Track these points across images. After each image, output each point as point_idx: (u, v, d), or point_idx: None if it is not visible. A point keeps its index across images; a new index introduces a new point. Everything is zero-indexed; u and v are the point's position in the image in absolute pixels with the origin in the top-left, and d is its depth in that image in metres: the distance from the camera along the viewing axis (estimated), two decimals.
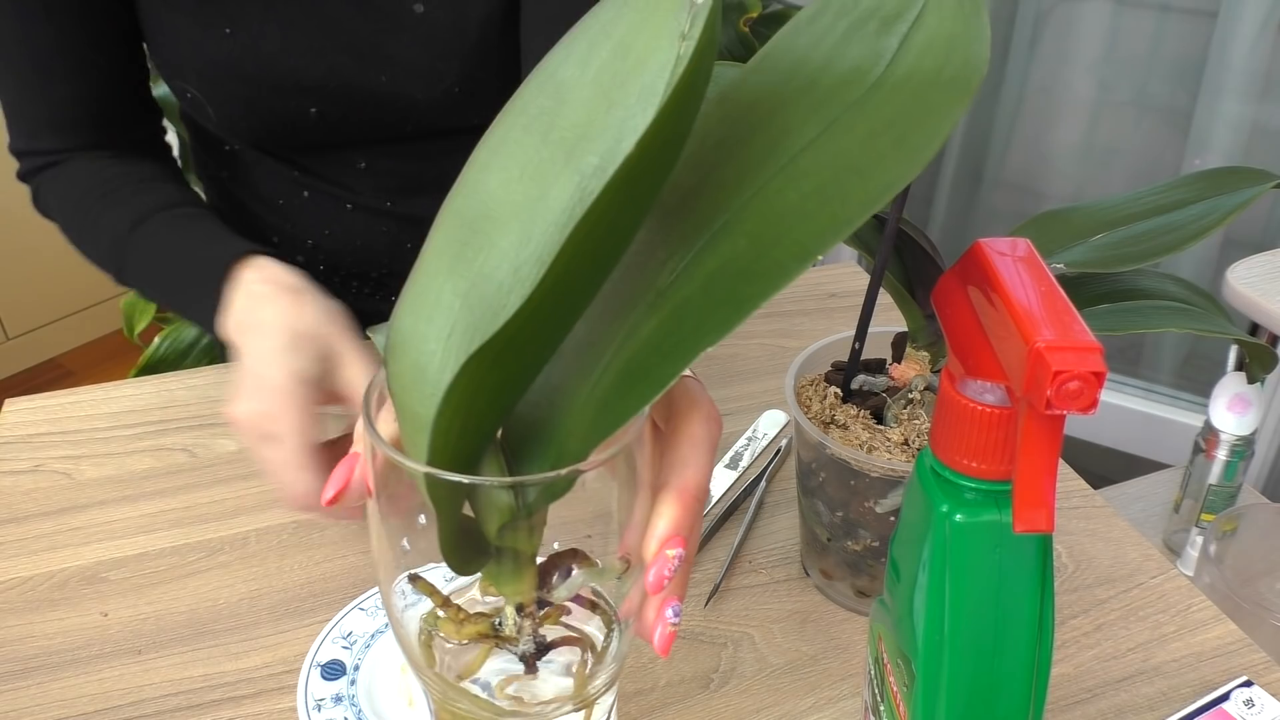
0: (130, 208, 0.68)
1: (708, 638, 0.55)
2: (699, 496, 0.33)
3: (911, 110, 0.28)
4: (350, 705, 0.50)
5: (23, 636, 0.55)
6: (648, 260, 0.30)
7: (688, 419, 0.34)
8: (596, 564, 0.33)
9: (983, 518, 0.33)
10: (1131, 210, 0.56)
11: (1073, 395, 0.27)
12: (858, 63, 0.30)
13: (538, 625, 0.32)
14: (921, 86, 0.29)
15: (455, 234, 0.29)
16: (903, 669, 0.37)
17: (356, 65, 0.71)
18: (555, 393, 0.31)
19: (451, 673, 0.33)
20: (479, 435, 0.29)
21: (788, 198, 0.29)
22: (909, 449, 0.50)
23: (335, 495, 0.34)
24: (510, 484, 0.30)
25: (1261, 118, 1.61)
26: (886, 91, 0.29)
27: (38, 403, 0.74)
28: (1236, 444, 1.13)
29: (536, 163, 0.28)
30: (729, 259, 0.29)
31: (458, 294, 0.28)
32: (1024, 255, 0.32)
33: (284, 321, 0.53)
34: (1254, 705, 0.48)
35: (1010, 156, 1.90)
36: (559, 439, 0.30)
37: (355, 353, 0.53)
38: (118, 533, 0.62)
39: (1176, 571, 0.59)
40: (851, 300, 0.85)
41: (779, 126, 0.30)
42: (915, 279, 0.53)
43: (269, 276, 0.57)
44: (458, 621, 0.32)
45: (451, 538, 0.30)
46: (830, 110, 0.30)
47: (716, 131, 0.31)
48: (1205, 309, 0.54)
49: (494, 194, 0.29)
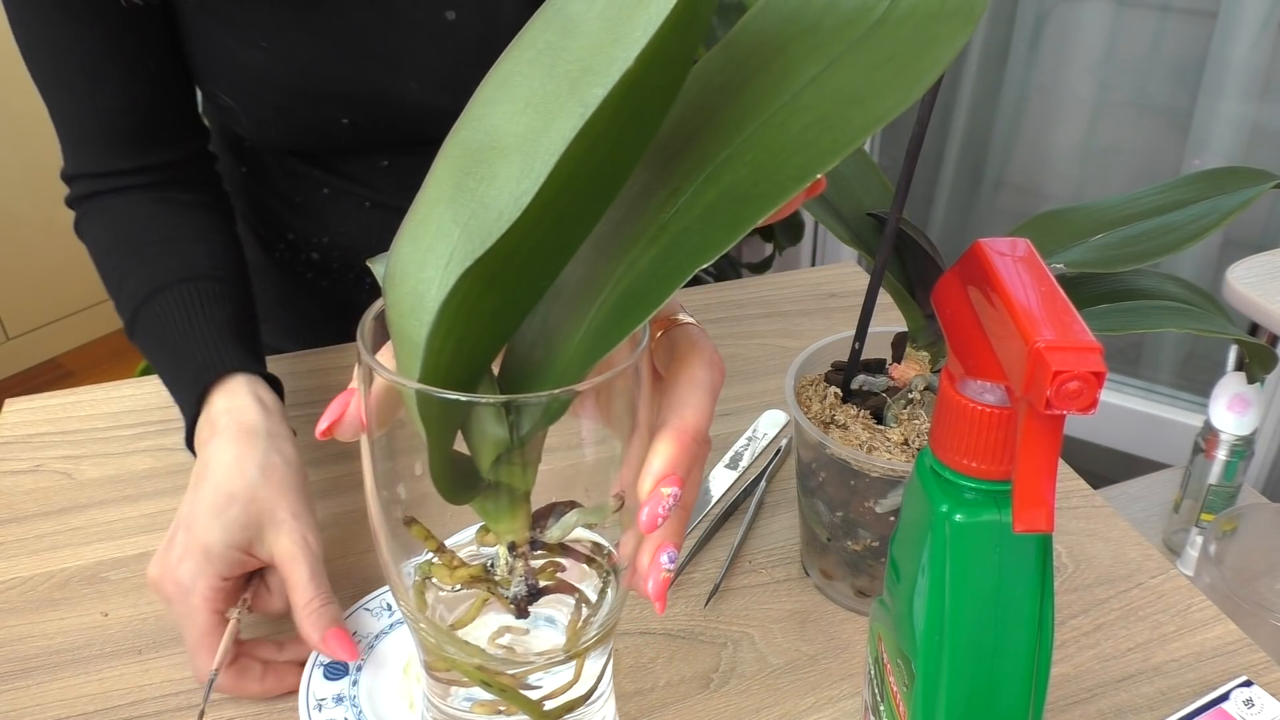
0: (152, 273, 0.66)
1: (708, 638, 0.55)
2: (697, 438, 0.32)
3: (915, 42, 0.29)
4: (351, 705, 0.50)
5: (23, 636, 0.55)
6: (649, 200, 0.31)
7: (689, 362, 0.34)
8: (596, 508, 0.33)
9: (983, 518, 0.33)
10: (1131, 210, 0.56)
11: (1073, 395, 0.27)
12: (861, 2, 0.30)
13: (530, 566, 0.32)
14: (925, 19, 0.29)
15: (458, 164, 0.29)
16: (903, 669, 0.37)
17: (388, 74, 0.71)
18: (554, 333, 0.31)
19: (445, 623, 0.34)
20: (472, 361, 0.30)
21: (790, 129, 0.29)
22: (909, 449, 0.50)
23: (330, 426, 0.33)
24: (503, 401, 0.30)
25: (1261, 118, 1.61)
26: (890, 27, 0.30)
27: (38, 403, 0.74)
28: (1236, 444, 1.13)
29: (541, 95, 0.28)
30: (729, 187, 0.29)
31: (458, 223, 0.28)
32: (1024, 255, 0.32)
33: (222, 478, 0.52)
34: (1254, 705, 0.48)
35: (1010, 156, 1.90)
36: (556, 371, 0.30)
37: (286, 521, 0.52)
38: (118, 533, 0.62)
39: (1176, 571, 0.59)
40: (851, 300, 0.85)
41: (781, 67, 0.31)
42: (915, 279, 0.53)
43: (233, 409, 0.56)
44: (451, 566, 0.32)
45: (442, 464, 0.30)
46: (834, 48, 0.30)
47: (720, 75, 0.32)
48: (1205, 309, 0.54)
49: (498, 125, 0.29)
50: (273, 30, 0.68)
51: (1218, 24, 1.58)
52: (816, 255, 2.03)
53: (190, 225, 0.69)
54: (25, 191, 2.27)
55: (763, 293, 0.86)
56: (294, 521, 0.52)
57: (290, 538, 0.51)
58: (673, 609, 0.56)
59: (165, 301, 0.64)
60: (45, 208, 2.31)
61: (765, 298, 0.85)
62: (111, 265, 0.68)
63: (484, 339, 0.29)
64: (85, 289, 2.43)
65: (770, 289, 0.87)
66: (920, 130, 0.46)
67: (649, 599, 0.32)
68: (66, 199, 0.71)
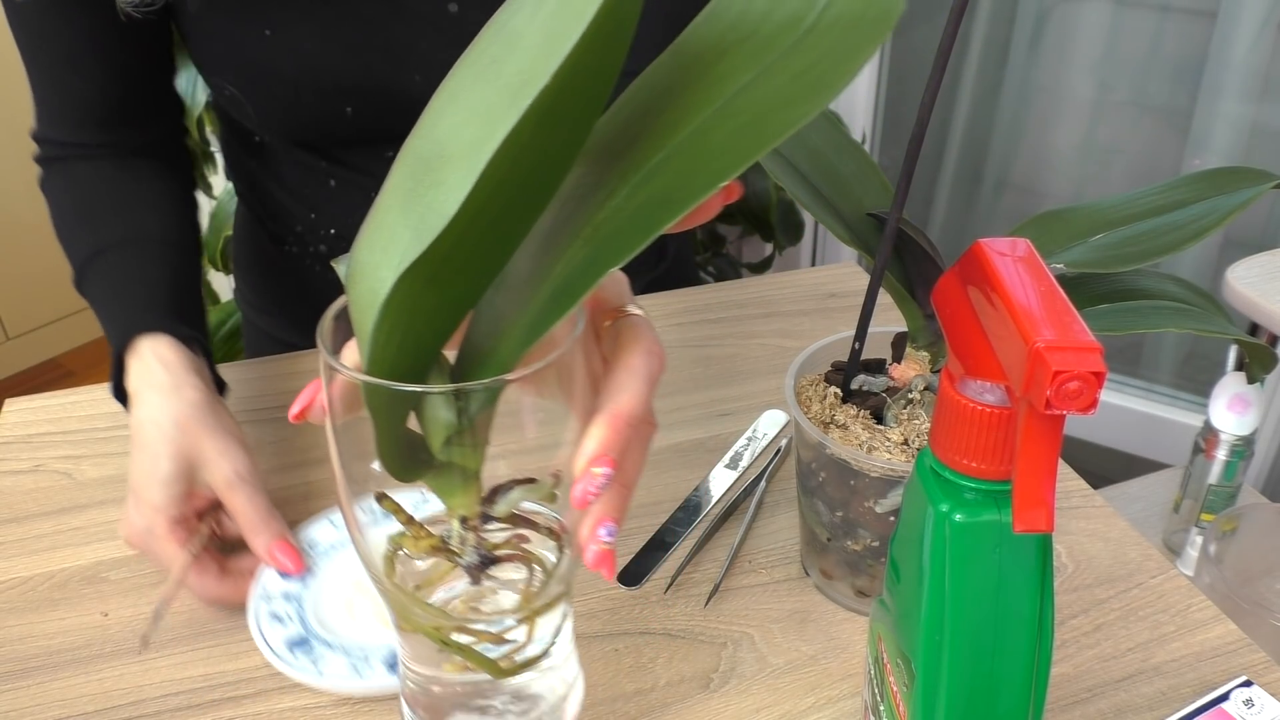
0: (99, 235, 0.69)
1: (708, 638, 0.55)
2: (631, 421, 0.35)
3: (836, 50, 0.30)
4: (298, 605, 0.55)
5: (23, 636, 0.55)
6: (590, 200, 0.33)
7: (629, 351, 0.36)
8: (536, 485, 0.36)
9: (982, 518, 0.33)
10: (1131, 210, 0.56)
11: (1072, 395, 0.27)
12: (796, 9, 0.32)
13: (481, 538, 0.36)
14: (847, 28, 0.31)
15: (411, 172, 0.31)
16: (903, 669, 0.37)
17: (391, 66, 0.71)
18: (500, 322, 0.34)
19: (412, 585, 0.37)
20: (418, 352, 0.32)
21: (715, 136, 0.31)
22: (909, 449, 0.50)
23: (301, 411, 0.37)
24: (440, 391, 0.33)
25: (1261, 118, 1.61)
26: (818, 34, 0.31)
27: (38, 403, 0.74)
28: (1236, 444, 1.13)
29: (485, 106, 0.29)
30: (655, 192, 0.31)
31: (408, 227, 0.30)
32: (1024, 255, 0.32)
33: (147, 439, 0.57)
34: (1254, 705, 0.48)
35: (1010, 156, 1.90)
36: (499, 358, 0.33)
37: (213, 460, 0.56)
38: (117, 533, 0.62)
39: (1176, 571, 0.59)
40: (851, 300, 0.85)
41: (719, 73, 0.32)
42: (915, 279, 0.53)
43: (141, 371, 0.60)
44: (417, 537, 0.36)
45: (390, 446, 0.33)
46: (766, 56, 0.32)
47: (665, 80, 0.34)
48: (1205, 309, 0.54)
49: (446, 135, 0.31)
50: (278, 22, 0.69)
51: (1218, 24, 1.58)
52: (816, 255, 2.03)
53: (144, 190, 0.73)
54: (25, 191, 2.27)
55: (763, 293, 0.86)
56: (220, 459, 0.56)
57: (220, 473, 0.56)
58: (672, 609, 0.56)
59: (106, 263, 0.68)
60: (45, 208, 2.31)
61: (765, 298, 0.85)
62: (66, 225, 0.72)
63: (427, 333, 0.32)
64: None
65: (770, 289, 0.87)
66: (920, 130, 0.46)
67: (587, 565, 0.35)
68: (34, 156, 0.75)
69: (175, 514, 0.55)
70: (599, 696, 0.52)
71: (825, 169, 0.56)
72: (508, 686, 0.40)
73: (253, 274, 0.92)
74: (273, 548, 0.56)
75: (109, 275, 0.67)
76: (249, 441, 0.59)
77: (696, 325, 0.82)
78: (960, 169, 1.94)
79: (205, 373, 0.62)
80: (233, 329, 1.50)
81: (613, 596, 0.57)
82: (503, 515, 0.36)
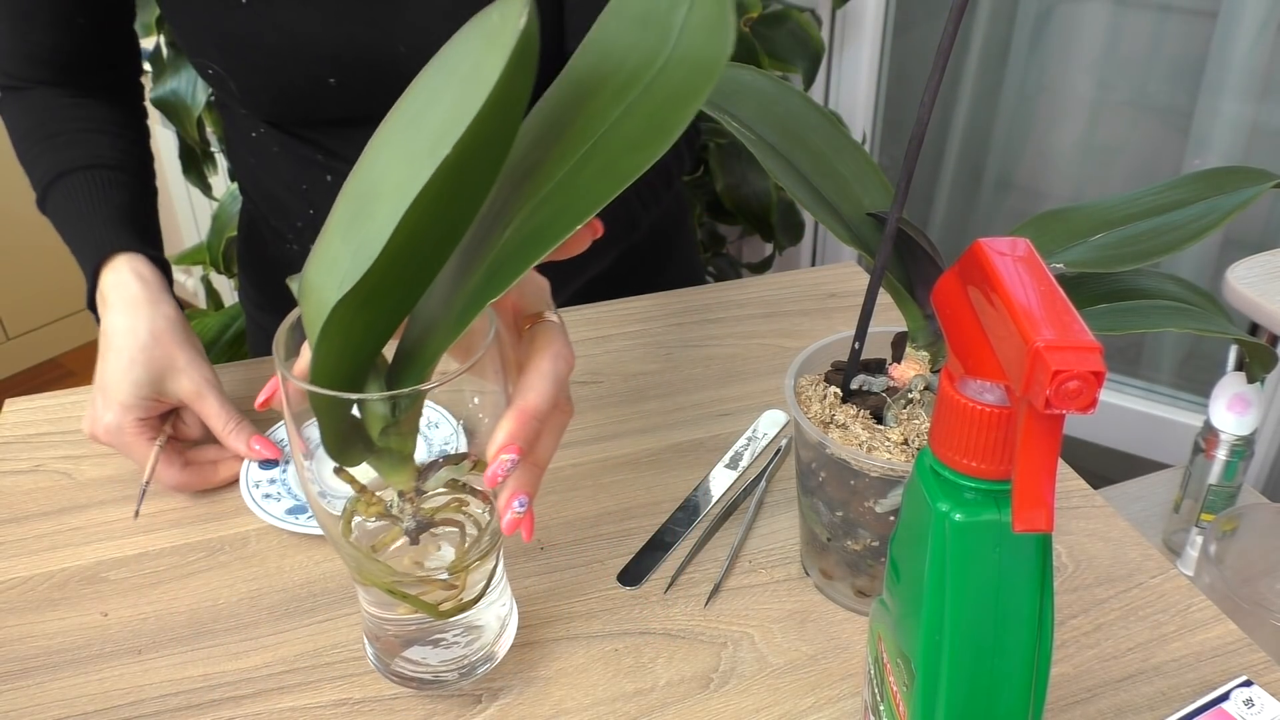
0: (60, 158, 0.73)
1: (708, 638, 0.55)
2: (536, 415, 0.42)
3: (679, 92, 0.36)
4: (283, 484, 0.64)
5: (23, 636, 0.55)
6: (497, 220, 0.39)
7: (541, 355, 0.43)
8: (457, 464, 0.44)
9: (982, 517, 0.33)
10: (1131, 210, 0.56)
11: (1072, 395, 0.27)
12: (653, 46, 0.37)
13: (418, 506, 0.44)
14: (691, 68, 0.36)
15: (351, 206, 0.38)
16: (903, 669, 0.37)
17: (374, 34, 0.71)
18: (426, 329, 0.40)
19: (368, 544, 0.45)
20: (356, 361, 0.39)
21: (583, 176, 0.37)
22: (909, 449, 0.50)
23: (265, 400, 0.46)
24: (357, 399, 0.40)
25: (1261, 118, 1.61)
26: (668, 73, 0.37)
27: (38, 403, 0.74)
28: (1236, 444, 1.13)
29: (410, 153, 0.35)
30: (535, 228, 0.37)
31: (348, 253, 0.36)
32: (1024, 255, 0.32)
33: (121, 344, 0.63)
34: (1254, 705, 0.48)
35: (1010, 156, 1.90)
36: (423, 360, 0.40)
37: (184, 369, 0.64)
38: (117, 533, 0.62)
39: (1176, 571, 0.59)
40: (851, 300, 0.85)
41: (594, 108, 0.38)
42: (915, 279, 0.53)
43: (119, 284, 0.66)
44: (368, 503, 0.44)
45: (332, 437, 0.41)
46: (630, 92, 0.37)
47: (555, 112, 0.40)
48: (1205, 309, 0.54)
49: (379, 176, 0.37)
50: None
51: (1218, 24, 1.58)
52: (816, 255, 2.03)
53: (99, 119, 0.76)
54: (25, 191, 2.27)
55: (763, 293, 0.86)
56: (190, 369, 0.64)
57: (191, 381, 0.64)
58: (672, 609, 0.57)
59: (70, 185, 0.72)
60: None
61: (765, 298, 0.85)
62: (26, 149, 0.75)
63: (363, 344, 0.39)
64: (85, 289, 2.42)
65: (770, 289, 0.87)
66: (920, 130, 0.46)
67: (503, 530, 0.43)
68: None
69: (143, 414, 0.63)
70: (599, 696, 0.52)
71: (825, 169, 0.56)
72: (452, 622, 0.48)
73: (256, 272, 0.92)
74: (252, 441, 0.64)
75: (74, 196, 0.71)
76: None
77: (696, 325, 0.82)
78: (960, 169, 1.94)
79: (172, 293, 0.68)
80: (237, 333, 1.50)
81: (613, 596, 0.57)
82: (431, 489, 0.44)
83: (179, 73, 1.37)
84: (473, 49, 0.35)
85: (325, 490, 0.44)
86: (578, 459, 0.67)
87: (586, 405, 0.72)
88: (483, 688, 0.52)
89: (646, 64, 0.37)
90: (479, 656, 0.50)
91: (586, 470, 0.67)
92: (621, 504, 0.64)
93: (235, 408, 0.65)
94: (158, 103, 1.38)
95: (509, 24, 0.33)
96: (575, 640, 0.55)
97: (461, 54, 0.36)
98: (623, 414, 0.72)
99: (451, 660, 0.50)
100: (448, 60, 0.36)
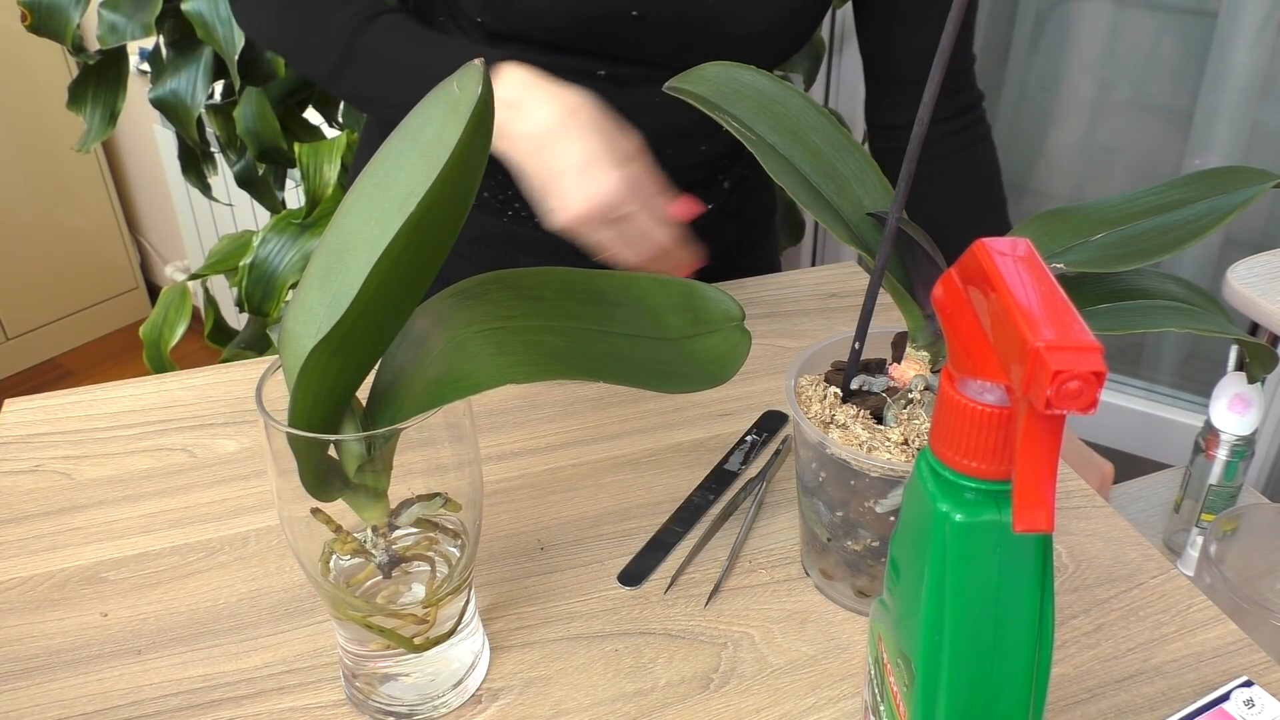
0: (362, 5, 0.72)
1: (708, 638, 0.55)
2: None
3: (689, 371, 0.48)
4: None
5: (23, 636, 0.55)
6: (479, 316, 0.44)
7: None
8: (429, 501, 0.46)
9: (983, 518, 0.33)
10: (1131, 210, 0.56)
11: (1073, 395, 0.27)
12: (678, 324, 0.49)
13: (390, 541, 0.46)
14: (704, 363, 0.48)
15: (326, 259, 0.41)
16: (903, 669, 0.37)
17: None
18: (401, 372, 0.44)
19: (345, 581, 0.47)
20: (331, 404, 0.42)
21: (550, 342, 0.45)
22: (909, 449, 0.50)
23: None
24: (333, 440, 0.43)
25: (1261, 118, 1.61)
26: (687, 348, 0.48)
27: (38, 403, 0.74)
28: (1237, 444, 1.13)
29: (380, 212, 0.39)
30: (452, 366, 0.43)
31: (323, 304, 0.40)
32: (1024, 255, 0.32)
33: (583, 101, 0.64)
34: (1254, 705, 0.48)
35: (1010, 156, 1.90)
36: (402, 404, 0.43)
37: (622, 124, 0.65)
38: (118, 533, 0.62)
39: (1176, 571, 0.59)
40: (851, 300, 0.85)
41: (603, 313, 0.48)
42: (915, 279, 0.53)
43: (526, 80, 0.65)
44: (344, 541, 0.45)
45: (310, 475, 0.43)
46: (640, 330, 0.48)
47: (584, 281, 0.48)
48: (1205, 309, 0.54)
49: (352, 232, 0.40)
50: None
51: (1218, 24, 1.58)
52: (816, 255, 2.03)
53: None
54: (25, 191, 2.27)
55: (763, 293, 0.86)
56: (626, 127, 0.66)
57: (632, 140, 0.66)
58: (672, 609, 0.56)
59: (392, 21, 0.71)
60: (45, 208, 2.31)
61: (765, 298, 0.85)
62: (301, 11, 0.73)
63: (337, 389, 0.41)
64: (85, 289, 2.42)
65: (770, 289, 0.87)
66: (920, 130, 0.46)
67: None
68: None
69: (635, 172, 0.63)
70: (599, 696, 0.52)
71: (825, 169, 0.56)
72: (424, 658, 0.49)
73: None
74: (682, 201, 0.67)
75: (408, 27, 0.71)
76: None
77: None
78: None
79: None
80: None
81: (613, 596, 0.57)
82: (405, 525, 0.46)
83: (179, 73, 1.37)
84: (436, 116, 0.39)
85: None
86: (578, 459, 0.67)
87: (586, 405, 0.72)
88: (483, 688, 0.52)
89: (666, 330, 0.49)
90: (452, 692, 0.51)
91: (587, 470, 0.67)
92: (622, 504, 0.64)
93: None
94: (157, 103, 1.38)
95: (467, 94, 0.37)
96: (575, 640, 0.55)
97: (425, 120, 0.39)
98: (623, 414, 0.72)
99: (426, 695, 0.50)
100: (413, 127, 0.40)
